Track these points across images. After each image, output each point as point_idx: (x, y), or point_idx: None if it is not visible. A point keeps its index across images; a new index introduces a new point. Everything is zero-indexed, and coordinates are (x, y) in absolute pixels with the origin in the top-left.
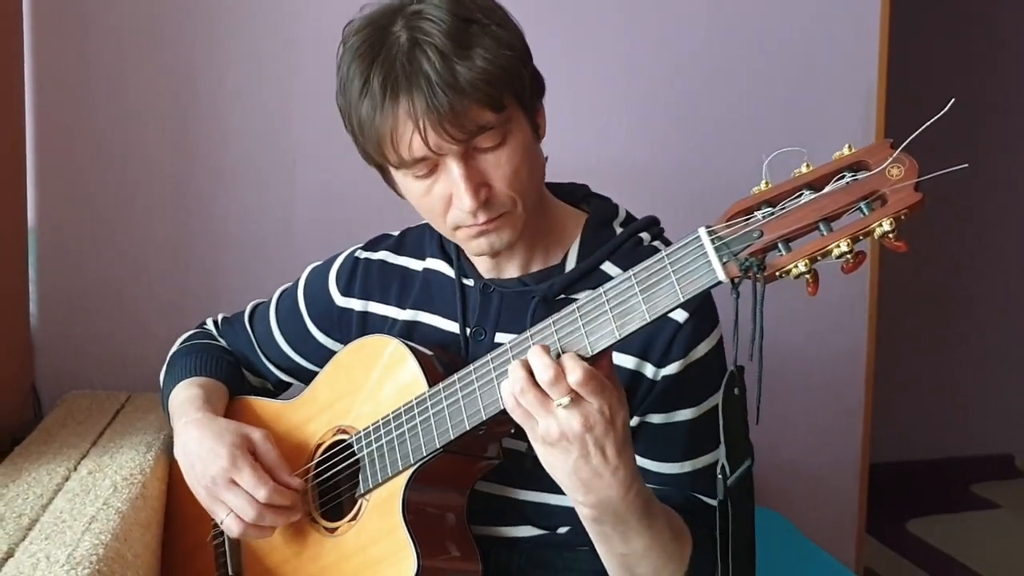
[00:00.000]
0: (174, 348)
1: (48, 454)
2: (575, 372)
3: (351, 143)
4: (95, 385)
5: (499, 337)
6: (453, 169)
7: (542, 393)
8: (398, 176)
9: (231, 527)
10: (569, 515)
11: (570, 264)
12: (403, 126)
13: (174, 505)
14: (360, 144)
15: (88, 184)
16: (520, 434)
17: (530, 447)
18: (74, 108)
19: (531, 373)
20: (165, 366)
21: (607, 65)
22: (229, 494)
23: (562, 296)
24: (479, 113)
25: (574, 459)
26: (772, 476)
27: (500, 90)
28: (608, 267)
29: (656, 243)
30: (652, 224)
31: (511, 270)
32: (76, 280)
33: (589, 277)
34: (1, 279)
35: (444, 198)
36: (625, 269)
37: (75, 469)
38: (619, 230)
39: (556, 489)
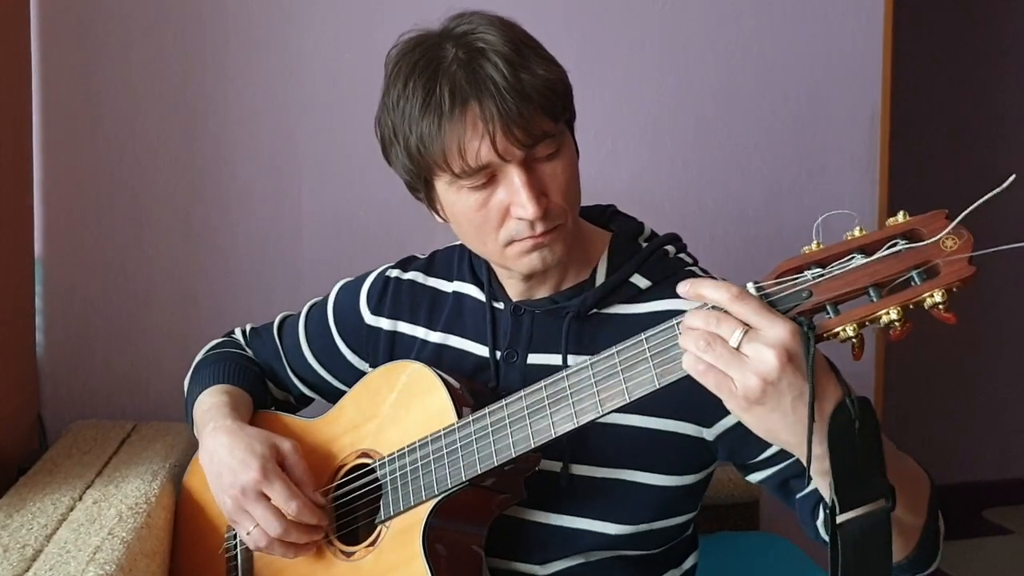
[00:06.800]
0: (200, 356)
1: (53, 484)
2: (724, 294)
3: (357, 172)
4: (100, 414)
5: (532, 358)
6: (514, 178)
7: (729, 347)
8: (451, 192)
9: (256, 540)
10: (598, 542)
11: (600, 278)
12: (472, 131)
13: (180, 523)
14: (414, 162)
15: (94, 214)
16: (553, 455)
17: (564, 467)
18: (80, 138)
19: (710, 334)
20: (190, 372)
21: (614, 90)
22: (258, 507)
23: (595, 311)
24: (541, 120)
25: (790, 402)
26: (779, 500)
27: (558, 101)
28: (637, 279)
29: (682, 255)
30: (675, 239)
31: (543, 291)
32: (82, 310)
33: (620, 290)
34: (7, 308)
35: (501, 210)
36: (653, 281)
37: (80, 499)
38: (644, 245)
39: (588, 513)
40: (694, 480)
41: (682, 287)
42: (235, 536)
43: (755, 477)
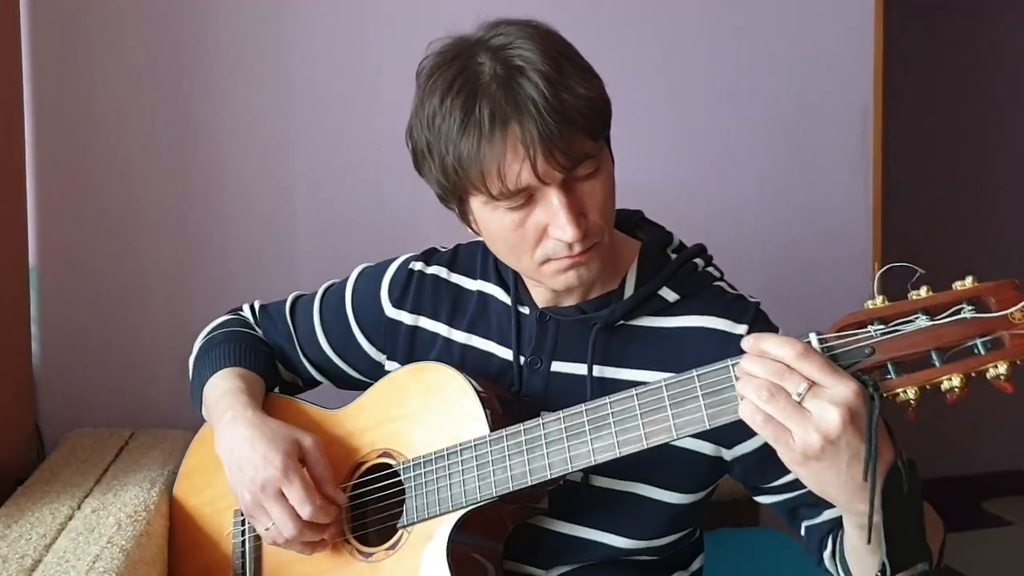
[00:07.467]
0: (207, 333)
1: (51, 493)
2: (788, 351)
3: (353, 178)
4: (98, 423)
5: (555, 366)
6: (553, 199)
7: (792, 401)
8: (486, 210)
9: (273, 536)
10: (608, 552)
11: (628, 290)
12: (512, 155)
13: (177, 528)
14: (450, 180)
15: (88, 223)
16: None
17: (585, 477)
18: (74, 147)
19: (773, 384)
20: (196, 350)
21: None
22: (276, 506)
23: (622, 322)
24: (582, 141)
25: (846, 460)
26: (785, 523)
27: (598, 119)
28: (666, 292)
29: (709, 269)
30: (702, 252)
31: (570, 299)
32: (77, 318)
33: (648, 303)
34: (3, 318)
35: (538, 230)
36: (682, 295)
37: (79, 507)
38: (672, 256)
39: (602, 525)
40: (702, 496)
41: (745, 342)
42: (243, 523)
43: (765, 499)
